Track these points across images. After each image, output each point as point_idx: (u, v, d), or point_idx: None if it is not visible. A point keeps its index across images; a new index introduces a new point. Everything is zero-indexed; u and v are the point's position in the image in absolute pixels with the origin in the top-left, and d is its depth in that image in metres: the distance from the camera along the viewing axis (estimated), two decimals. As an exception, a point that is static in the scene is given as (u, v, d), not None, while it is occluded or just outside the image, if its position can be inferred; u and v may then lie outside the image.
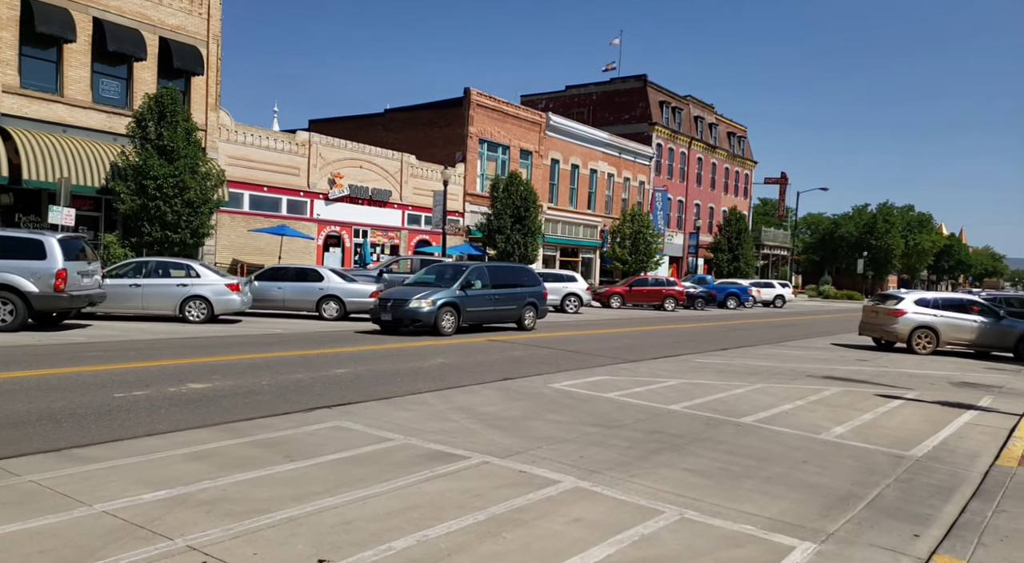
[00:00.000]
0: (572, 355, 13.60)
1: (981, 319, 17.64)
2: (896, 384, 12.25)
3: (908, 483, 6.15)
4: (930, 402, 10.55)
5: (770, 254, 67.14)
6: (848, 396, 10.61)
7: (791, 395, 10.32)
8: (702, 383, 10.99)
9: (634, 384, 10.47)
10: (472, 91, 34.39)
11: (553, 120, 39.82)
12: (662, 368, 12.50)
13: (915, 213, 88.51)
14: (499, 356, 12.80)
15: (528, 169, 38.61)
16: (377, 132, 36.98)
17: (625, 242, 42.31)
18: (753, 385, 11.13)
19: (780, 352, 16.61)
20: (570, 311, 27.26)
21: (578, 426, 7.47)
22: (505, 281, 17.74)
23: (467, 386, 9.43)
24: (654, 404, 8.95)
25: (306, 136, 27.60)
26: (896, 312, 17.85)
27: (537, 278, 19.02)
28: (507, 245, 32.00)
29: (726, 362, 13.97)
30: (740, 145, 63.16)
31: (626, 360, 13.33)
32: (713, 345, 17.33)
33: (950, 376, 13.81)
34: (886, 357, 16.65)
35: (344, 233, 29.07)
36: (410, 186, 31.65)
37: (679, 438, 7.23)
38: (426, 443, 6.35)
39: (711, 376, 11.85)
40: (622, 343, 16.63)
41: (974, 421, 9.23)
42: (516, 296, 17.73)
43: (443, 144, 34.99)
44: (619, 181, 47.01)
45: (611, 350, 14.92)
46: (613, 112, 51.34)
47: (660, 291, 33.70)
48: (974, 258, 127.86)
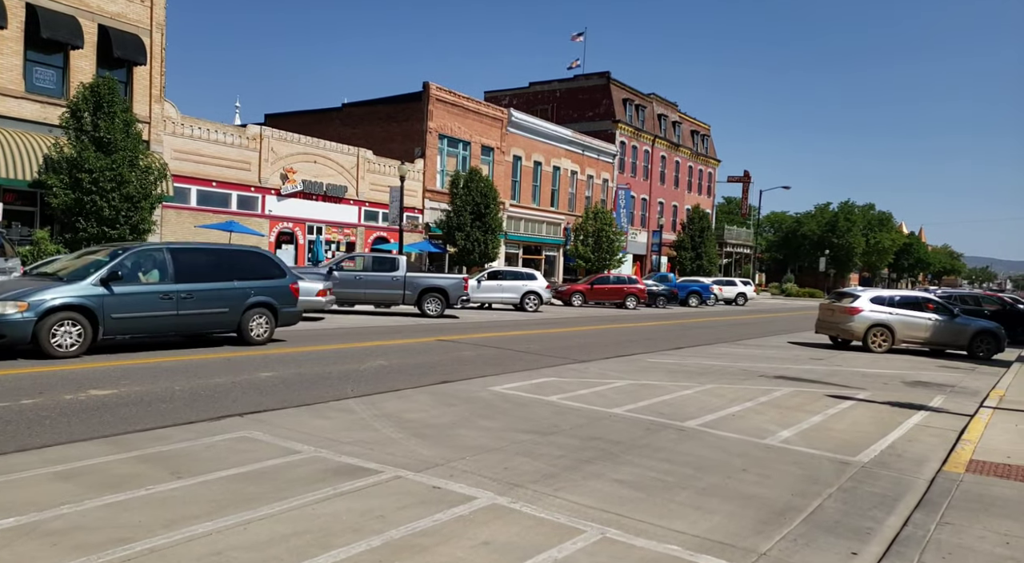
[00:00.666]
0: (522, 355, 13.14)
1: (936, 317, 17.65)
2: (849, 384, 12.05)
3: (851, 492, 5.80)
4: (881, 403, 10.33)
5: (733, 252, 67.67)
6: (799, 397, 10.34)
7: (740, 396, 10.00)
8: (651, 384, 10.62)
9: (580, 386, 10.05)
10: (431, 85, 33.75)
11: (515, 116, 39.36)
12: (612, 368, 12.12)
13: (876, 212, 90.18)
14: (444, 357, 12.28)
15: (490, 165, 38.09)
16: (335, 127, 36.12)
17: (588, 240, 42.02)
18: (703, 386, 10.80)
19: (735, 351, 16.38)
20: (530, 310, 26.84)
21: (510, 433, 7.00)
22: (209, 272, 11.99)
23: (401, 390, 8.90)
24: (596, 407, 8.54)
25: (257, 130, 26.71)
26: (852, 310, 17.77)
27: (280, 267, 13.49)
28: (467, 242, 31.45)
29: (679, 361, 13.66)
30: (703, 143, 63.47)
31: (577, 360, 12.92)
32: (668, 344, 17.04)
33: (903, 375, 13.69)
34: (841, 356, 16.54)
35: (297, 230, 28.24)
36: (367, 182, 30.91)
37: (616, 445, 6.81)
38: (338, 456, 5.82)
39: (661, 376, 11.50)
40: (576, 342, 16.24)
41: (924, 422, 9.01)
42: (229, 294, 12.08)
43: (402, 139, 34.29)
44: (583, 178, 46.76)
45: (563, 350, 14.51)
46: (577, 109, 51.08)
47: (622, 289, 33.50)
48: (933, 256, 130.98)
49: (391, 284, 20.58)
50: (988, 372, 15.03)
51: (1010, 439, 7.82)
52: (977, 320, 18.22)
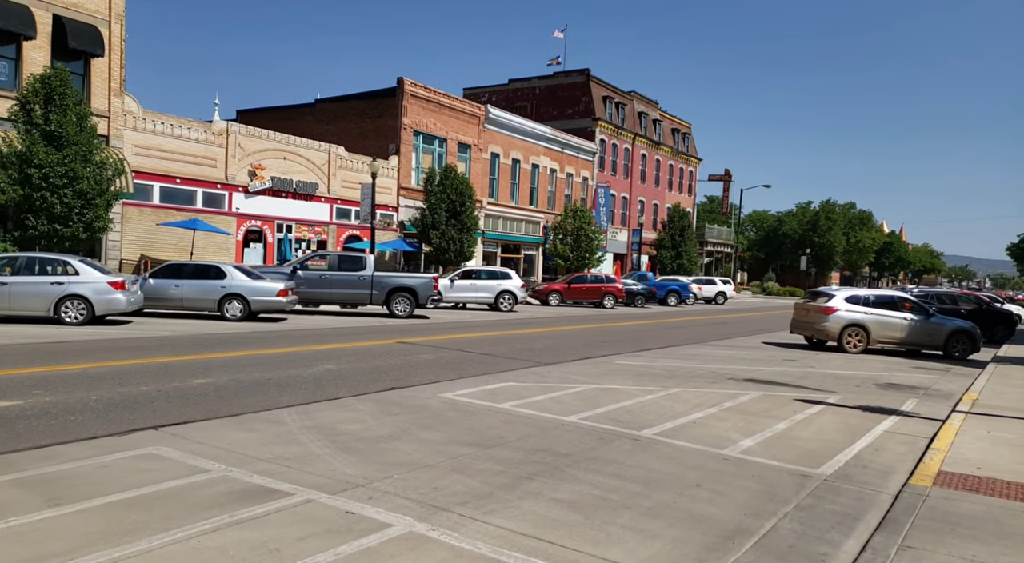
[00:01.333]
0: (484, 359, 12.64)
1: (911, 317, 17.36)
2: (820, 387, 11.67)
3: (809, 511, 5.36)
4: (851, 407, 9.94)
5: (715, 251, 67.59)
6: (766, 402, 9.92)
7: (706, 401, 9.56)
8: (613, 389, 10.16)
9: (538, 391, 9.56)
10: (405, 81, 33.13)
11: (492, 113, 38.83)
12: (576, 372, 11.64)
13: (856, 211, 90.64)
14: (401, 361, 11.75)
15: (467, 163, 37.53)
16: (307, 123, 35.39)
17: (567, 239, 41.61)
18: (668, 390, 10.35)
19: (707, 352, 15.98)
20: (504, 309, 26.34)
21: (450, 446, 6.49)
22: None
23: (342, 398, 8.36)
24: (550, 415, 8.05)
25: (224, 125, 25.97)
26: (827, 310, 17.44)
27: None
28: (442, 241, 30.88)
29: (647, 363, 13.22)
30: (685, 142, 63.28)
31: (541, 363, 12.44)
32: (640, 345, 16.61)
33: (877, 377, 13.34)
34: (815, 357, 16.19)
35: (266, 228, 27.53)
36: (339, 179, 30.24)
37: (563, 458, 6.33)
38: (249, 475, 5.28)
39: (626, 380, 11.05)
40: (545, 344, 15.76)
41: (894, 429, 8.61)
42: None
43: (376, 136, 33.65)
44: (562, 176, 46.32)
45: (530, 352, 14.03)
46: (556, 106, 50.64)
47: (599, 288, 33.08)
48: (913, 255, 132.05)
49: (358, 284, 19.99)
50: (963, 373, 14.74)
51: (981, 448, 7.43)
52: (953, 320, 17.97)
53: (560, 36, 53.29)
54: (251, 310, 16.88)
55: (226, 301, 16.76)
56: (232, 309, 16.82)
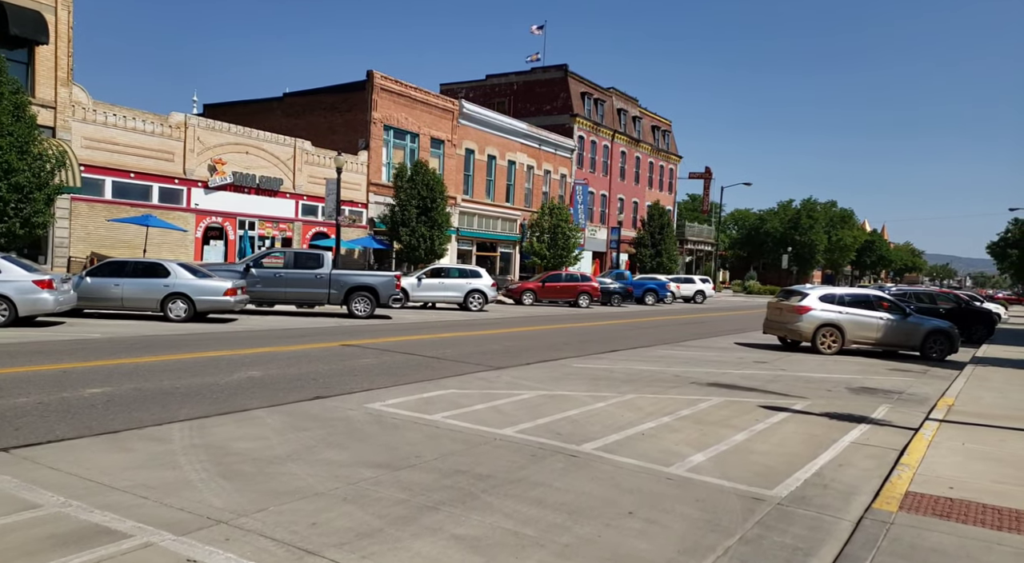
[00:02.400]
0: (432, 363, 11.82)
1: (888, 316, 16.75)
2: (788, 392, 10.97)
3: (755, 545, 4.60)
4: (819, 414, 9.23)
5: (696, 250, 67.15)
6: (728, 409, 9.19)
7: (661, 409, 8.81)
8: (564, 395, 9.38)
9: (480, 399, 8.77)
10: (375, 74, 32.19)
11: (467, 108, 37.97)
12: (528, 376, 10.86)
13: (838, 209, 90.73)
14: (337, 366, 10.89)
15: (440, 159, 36.66)
16: (276, 117, 34.36)
17: (544, 236, 40.88)
18: (623, 396, 9.59)
19: (675, 353, 15.26)
20: (474, 309, 25.52)
21: (353, 469, 5.67)
22: None
23: (252, 410, 7.51)
24: (484, 428, 7.25)
25: (181, 118, 24.92)
26: (800, 309, 16.78)
27: None
28: (412, 238, 30.00)
29: (608, 367, 12.46)
30: (665, 139, 62.74)
31: (493, 367, 11.64)
32: (606, 346, 15.87)
33: (850, 380, 12.68)
34: (787, 358, 15.53)
35: (227, 225, 26.51)
36: (304, 174, 29.26)
37: (482, 481, 5.53)
38: (89, 511, 4.43)
39: (581, 385, 10.28)
40: (505, 345, 14.97)
41: (863, 439, 7.90)
42: None
43: (345, 130, 32.69)
44: (539, 174, 45.55)
45: (485, 355, 13.23)
46: (534, 103, 49.87)
47: (574, 287, 32.37)
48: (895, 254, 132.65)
49: (315, 282, 19.09)
50: (940, 375, 14.13)
51: (955, 463, 6.73)
52: (930, 319, 17.39)
53: (538, 33, 52.56)
54: (196, 310, 15.95)
55: (169, 301, 15.81)
56: (176, 309, 15.87)
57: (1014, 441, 7.76)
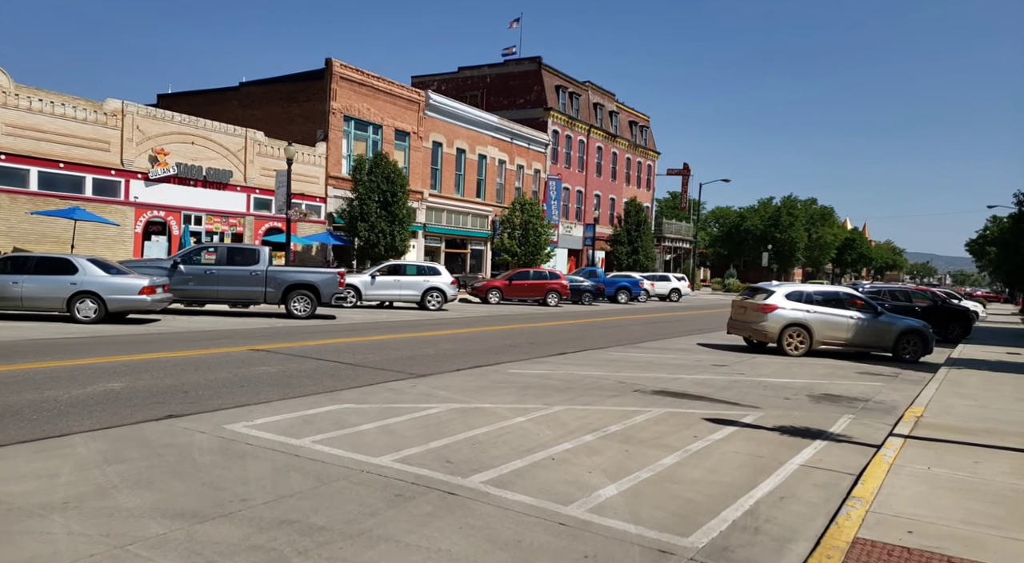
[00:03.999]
0: (345, 370, 10.56)
1: (858, 315, 15.70)
2: (742, 400, 9.82)
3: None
4: (770, 429, 8.08)
5: (676, 247, 66.22)
6: (666, 423, 8.02)
7: (588, 425, 7.61)
8: (481, 409, 8.16)
9: (375, 416, 7.52)
10: (334, 62, 30.78)
11: (433, 99, 36.63)
12: (450, 385, 9.63)
13: (818, 206, 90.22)
14: (226, 376, 9.55)
15: (405, 151, 35.31)
16: (232, 108, 32.88)
17: (515, 233, 39.70)
18: (549, 409, 8.39)
19: (628, 356, 14.09)
20: (432, 308, 24.24)
21: (142, 521, 4.39)
22: None
23: (70, 435, 6.17)
24: (357, 457, 6.01)
25: (118, 105, 23.41)
26: (765, 308, 15.67)
27: None
28: (371, 234, 28.67)
29: (547, 372, 11.26)
30: (643, 135, 61.72)
31: (414, 375, 10.40)
32: (555, 348, 14.67)
33: (813, 386, 11.57)
34: (750, 360, 14.41)
35: (171, 219, 25.03)
36: (257, 166, 27.82)
37: (308, 537, 4.27)
38: None
39: (506, 396, 9.06)
40: (442, 348, 13.73)
41: (815, 460, 6.75)
42: None
43: (303, 121, 31.27)
44: (512, 168, 44.30)
45: (413, 359, 11.98)
46: (507, 96, 48.61)
47: (542, 285, 31.19)
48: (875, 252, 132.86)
49: (249, 280, 17.73)
50: (912, 379, 13.07)
51: (918, 495, 5.57)
52: (903, 318, 16.36)
53: (515, 26, 51.34)
54: (108, 310, 14.55)
55: (77, 300, 14.40)
56: (84, 309, 14.47)
57: (990, 463, 6.64)
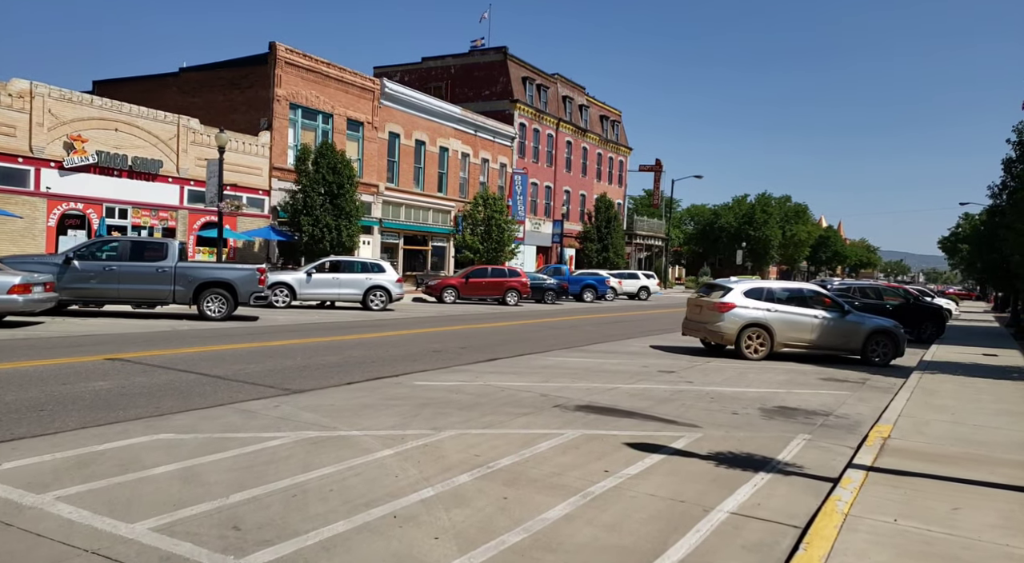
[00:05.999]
0: (207, 383, 8.87)
1: (824, 315, 14.29)
2: (681, 417, 8.29)
3: None
4: (704, 457, 6.55)
5: (650, 245, 64.94)
6: (576, 451, 6.45)
7: (472, 458, 6.01)
8: (343, 437, 6.52)
9: (192, 452, 5.85)
10: (279, 46, 28.89)
11: (389, 87, 34.83)
12: (323, 405, 7.98)
13: (792, 204, 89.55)
14: (40, 394, 7.83)
15: (359, 142, 33.50)
16: (171, 95, 30.86)
17: (477, 229, 38.08)
18: (436, 434, 6.77)
19: (566, 361, 12.52)
20: (375, 308, 22.51)
21: None
22: None
23: None
24: (101, 522, 4.33)
25: (26, 85, 21.38)
26: (722, 306, 14.19)
27: None
28: (315, 228, 26.87)
29: (461, 383, 9.65)
30: (614, 130, 60.33)
31: (289, 390, 8.73)
32: (486, 353, 13.06)
33: (768, 396, 10.09)
34: (703, 366, 12.92)
35: (91, 212, 23.02)
36: (191, 156, 25.87)
37: None
38: None
39: (390, 417, 7.44)
40: (348, 356, 12.06)
41: (751, 506, 5.21)
42: None
43: (246, 109, 29.36)
44: (476, 162, 42.62)
45: (302, 370, 10.31)
46: (473, 87, 46.92)
47: (501, 283, 29.62)
48: (850, 250, 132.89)
49: (155, 277, 15.89)
50: (881, 386, 11.67)
51: (878, 570, 4.04)
52: (872, 317, 14.99)
53: (486, 18, 49.69)
54: (-27, 312, 12.69)
55: (-67, 301, 12.52)
56: (-56, 311, 12.59)
57: (972, 509, 5.13)
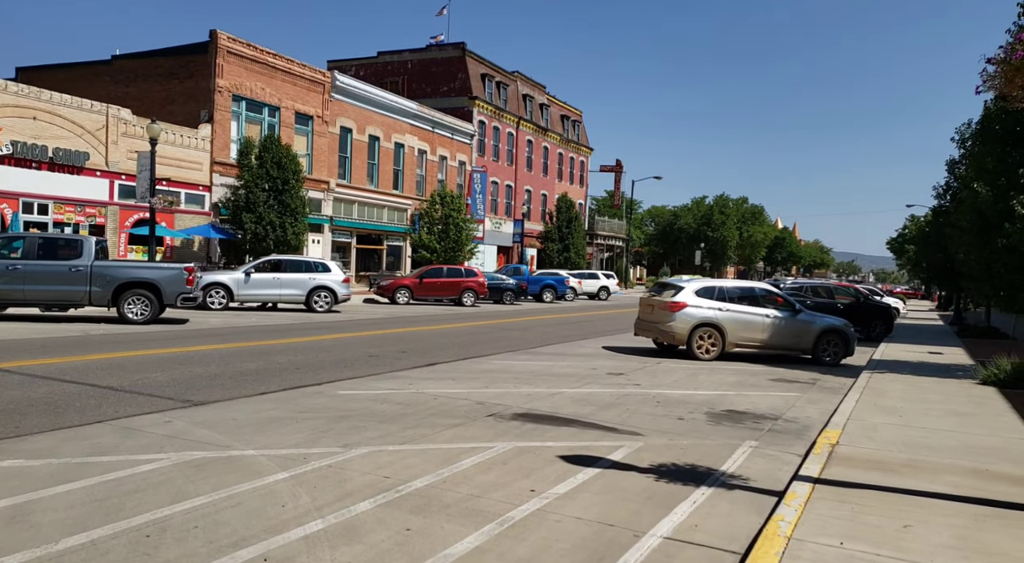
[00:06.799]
0: (93, 396, 7.95)
1: (775, 314, 13.89)
2: (624, 424, 7.66)
3: None
4: (643, 470, 5.91)
5: (611, 245, 64.79)
6: (503, 467, 5.75)
7: (380, 481, 5.25)
8: (234, 458, 5.70)
9: (36, 483, 4.99)
10: (220, 34, 27.61)
11: (340, 80, 33.72)
12: (224, 419, 7.14)
13: (749, 205, 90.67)
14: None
15: (308, 137, 32.34)
16: (103, 84, 29.29)
17: (434, 228, 37.18)
18: (346, 453, 6.00)
19: (512, 365, 11.83)
20: (319, 310, 21.50)
21: None
22: None
23: None
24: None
25: (-63, 70, 19.85)
26: (673, 306, 13.67)
27: None
28: (258, 226, 25.70)
29: (389, 392, 8.87)
30: (575, 130, 60.00)
31: (188, 403, 7.86)
32: (429, 357, 12.30)
33: (717, 399, 9.54)
34: (654, 367, 12.37)
35: (5, 207, 21.52)
36: (122, 148, 24.48)
37: None
38: None
39: (295, 433, 6.63)
40: (272, 363, 11.18)
41: (687, 528, 4.57)
42: None
43: (185, 101, 28.00)
44: (433, 159, 41.71)
45: (213, 380, 9.43)
46: (430, 83, 45.99)
47: (457, 283, 28.83)
48: (804, 251, 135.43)
49: (68, 277, 14.69)
50: (831, 387, 11.26)
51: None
52: (823, 317, 14.66)
53: (444, 13, 48.80)
54: None
55: None
56: None
57: (924, 526, 4.56)
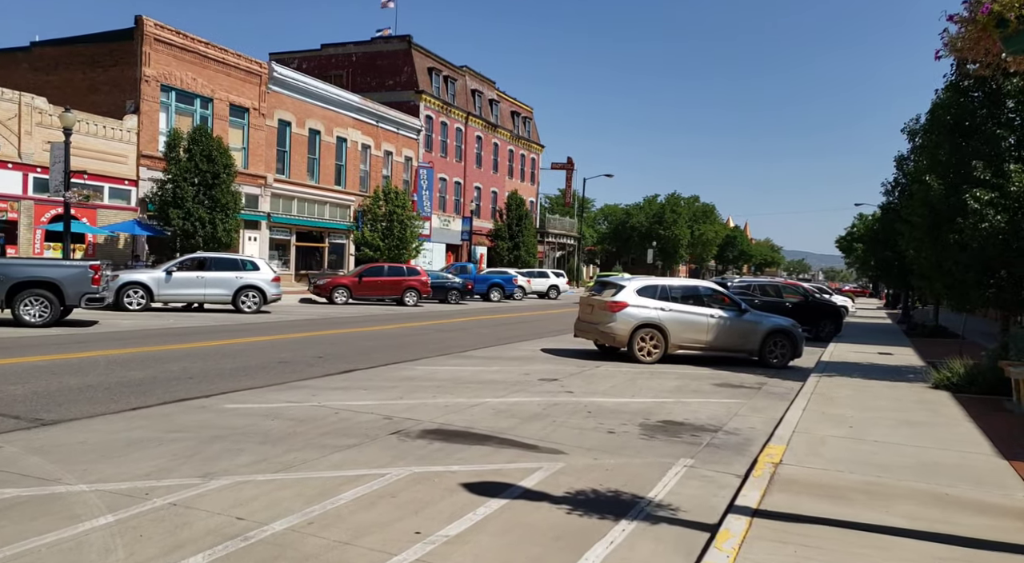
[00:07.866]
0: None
1: (720, 314, 13.34)
2: (545, 440, 6.89)
3: None
4: (558, 499, 5.13)
5: (563, 244, 64.37)
6: (393, 500, 4.90)
7: (226, 525, 4.35)
8: (55, 496, 4.72)
9: None
10: (146, 21, 26.00)
11: (278, 72, 32.29)
12: (73, 442, 6.13)
13: (700, 204, 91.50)
14: None
15: (244, 130, 30.85)
16: (22, 72, 27.39)
17: (378, 225, 36.00)
18: (204, 484, 5.07)
19: (436, 371, 10.96)
20: (247, 310, 20.25)
21: None
22: None
23: None
24: None
25: None
26: (613, 305, 13.00)
27: None
28: (186, 222, 24.24)
29: (284, 406, 7.92)
30: (526, 127, 59.35)
31: (37, 422, 6.81)
32: (346, 363, 11.34)
33: (653, 409, 8.86)
34: (591, 371, 11.66)
35: (-99, 201, 19.72)
36: (37, 139, 22.76)
37: None
38: None
39: (152, 459, 5.67)
40: (165, 370, 10.10)
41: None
42: None
43: (110, 90, 26.31)
44: (378, 154, 40.49)
45: (81, 393, 8.34)
46: (376, 77, 44.71)
47: (399, 282, 27.79)
48: (755, 249, 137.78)
49: (-47, 277, 13.30)
50: (777, 392, 10.72)
51: None
52: (770, 316, 14.19)
53: (391, 6, 47.46)
54: None
55: None
56: None
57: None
